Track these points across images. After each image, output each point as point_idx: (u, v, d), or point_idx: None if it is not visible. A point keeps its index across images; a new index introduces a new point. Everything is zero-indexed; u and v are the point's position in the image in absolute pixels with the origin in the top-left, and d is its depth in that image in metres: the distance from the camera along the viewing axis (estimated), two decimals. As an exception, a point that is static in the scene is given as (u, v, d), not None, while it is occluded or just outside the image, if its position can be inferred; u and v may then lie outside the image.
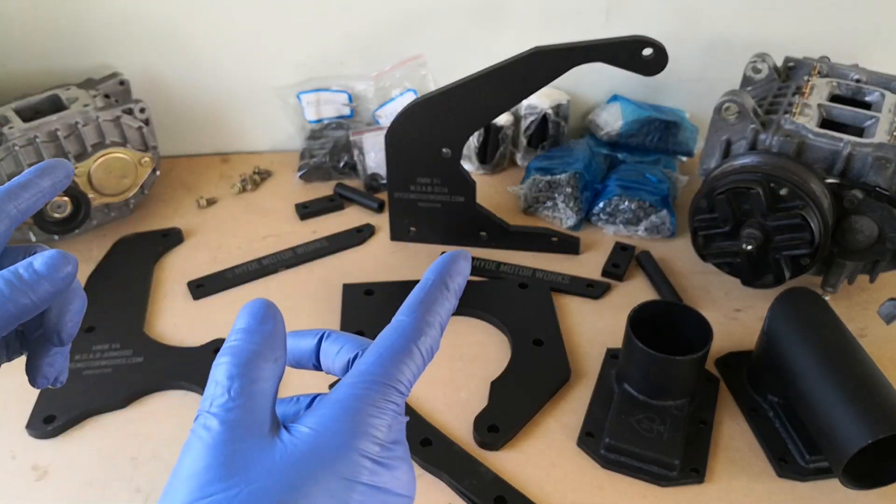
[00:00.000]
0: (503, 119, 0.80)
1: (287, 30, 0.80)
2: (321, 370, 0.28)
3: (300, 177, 0.81)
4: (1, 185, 0.69)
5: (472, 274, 0.67)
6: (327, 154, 0.81)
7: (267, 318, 0.24)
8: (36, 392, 0.55)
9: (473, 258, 0.71)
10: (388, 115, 0.83)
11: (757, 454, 0.53)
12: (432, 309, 0.25)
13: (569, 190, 0.74)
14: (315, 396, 0.28)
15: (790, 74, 0.70)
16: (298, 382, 0.54)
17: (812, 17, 0.79)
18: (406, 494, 0.23)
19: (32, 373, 0.31)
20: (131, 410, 0.55)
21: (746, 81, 0.69)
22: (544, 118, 0.80)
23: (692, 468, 0.51)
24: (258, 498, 0.20)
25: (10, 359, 0.31)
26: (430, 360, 0.25)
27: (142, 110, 0.71)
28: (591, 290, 0.67)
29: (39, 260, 0.26)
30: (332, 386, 0.56)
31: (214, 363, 0.23)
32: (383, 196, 0.76)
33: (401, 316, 0.25)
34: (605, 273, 0.69)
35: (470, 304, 0.65)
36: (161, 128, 0.76)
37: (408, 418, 0.24)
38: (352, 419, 0.22)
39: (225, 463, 0.21)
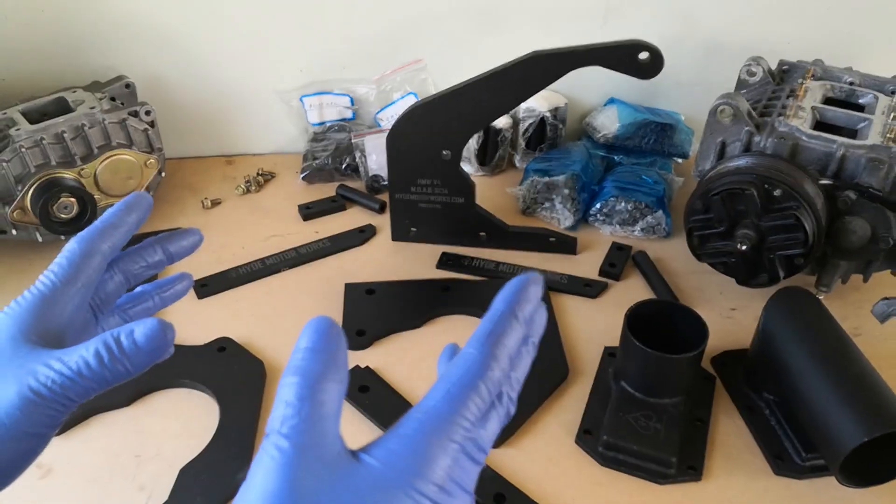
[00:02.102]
0: (502, 122, 0.81)
1: (290, 35, 0.81)
2: None
3: (303, 178, 0.82)
4: (6, 186, 0.70)
5: (471, 274, 0.70)
6: (330, 156, 0.82)
7: (332, 337, 0.24)
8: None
9: (472, 258, 0.71)
10: (389, 118, 0.84)
11: (753, 452, 0.53)
12: (500, 342, 0.24)
13: (566, 191, 0.75)
14: None
15: (784, 77, 0.70)
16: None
17: (806, 20, 0.80)
18: None
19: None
20: (135, 408, 0.56)
21: (741, 84, 0.70)
22: (542, 121, 0.81)
23: (689, 466, 0.51)
24: None
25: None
26: (496, 393, 0.24)
27: (147, 113, 0.72)
28: (589, 289, 0.67)
29: (140, 330, 0.28)
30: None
31: (281, 382, 0.23)
32: (384, 197, 0.77)
33: (469, 348, 0.24)
34: (602, 273, 0.69)
35: (470, 304, 0.65)
36: (166, 130, 0.77)
37: (482, 464, 0.23)
38: (415, 457, 0.22)
39: (295, 487, 0.21)
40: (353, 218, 0.77)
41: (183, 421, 0.55)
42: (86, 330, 0.34)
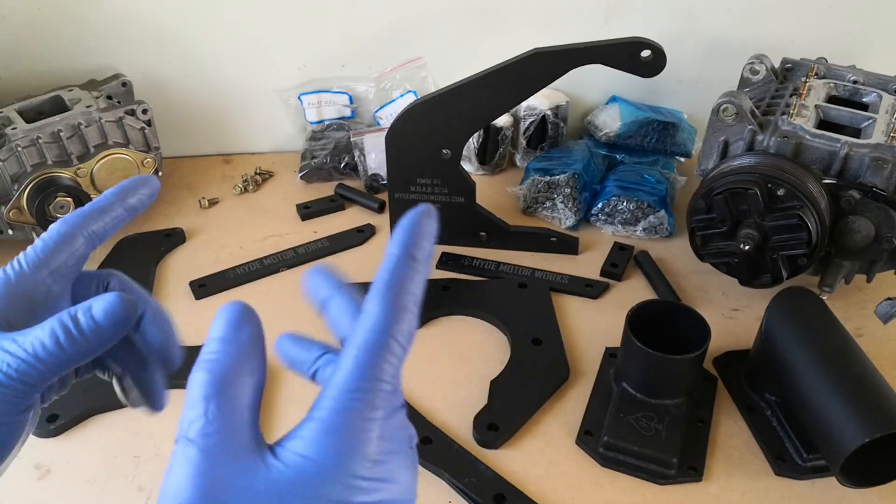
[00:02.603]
0: (503, 120, 0.81)
1: (289, 32, 0.80)
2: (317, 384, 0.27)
3: (301, 177, 0.82)
4: (2, 186, 0.70)
5: (471, 274, 0.69)
6: (328, 155, 0.82)
7: (243, 324, 0.22)
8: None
9: (472, 258, 0.71)
10: (388, 117, 0.83)
11: (754, 452, 0.53)
12: (403, 289, 0.23)
13: (568, 190, 0.74)
14: (325, 353, 0.26)
15: (788, 76, 0.70)
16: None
17: (809, 18, 0.79)
18: (405, 499, 0.22)
19: (156, 397, 0.30)
20: (133, 409, 0.56)
21: (744, 83, 0.70)
22: (543, 119, 0.81)
23: (690, 466, 0.51)
24: None
25: (78, 377, 0.31)
26: (410, 346, 0.23)
27: (144, 111, 0.72)
28: (590, 289, 0.67)
29: (99, 306, 0.26)
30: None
31: (190, 377, 0.22)
32: (384, 196, 0.77)
33: (370, 305, 0.23)
34: (603, 273, 0.69)
35: (470, 304, 0.65)
36: (163, 129, 0.76)
37: (403, 409, 0.22)
38: (339, 439, 0.21)
39: (206, 494, 0.20)
40: (351, 218, 0.77)
41: (181, 422, 0.55)
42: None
